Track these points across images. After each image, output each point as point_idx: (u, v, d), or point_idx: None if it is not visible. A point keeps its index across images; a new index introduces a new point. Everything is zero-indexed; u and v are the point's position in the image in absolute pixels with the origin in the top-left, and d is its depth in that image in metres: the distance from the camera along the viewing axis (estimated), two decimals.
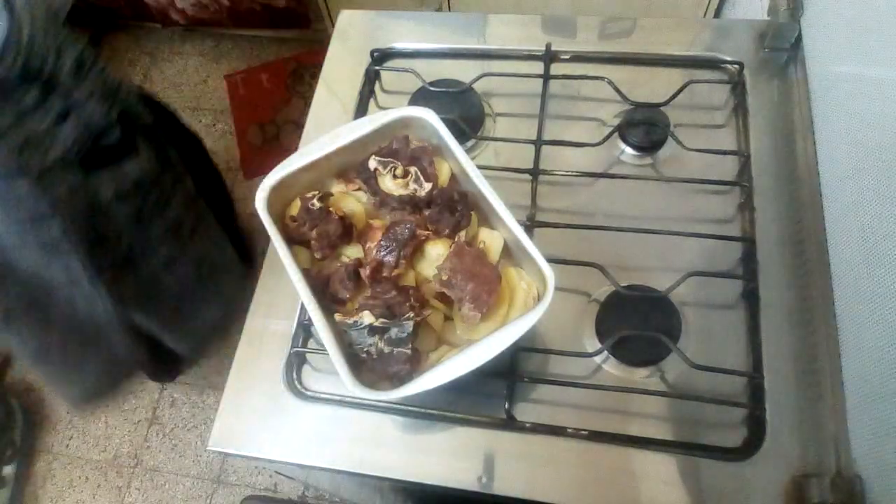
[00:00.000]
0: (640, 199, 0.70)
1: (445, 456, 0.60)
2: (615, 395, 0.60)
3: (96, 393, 1.03)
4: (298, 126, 0.78)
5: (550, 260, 0.53)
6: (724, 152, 0.71)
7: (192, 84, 1.99)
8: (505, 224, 0.56)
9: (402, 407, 0.62)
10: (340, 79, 0.82)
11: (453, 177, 0.62)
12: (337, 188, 0.63)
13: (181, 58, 2.04)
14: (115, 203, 0.81)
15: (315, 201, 0.59)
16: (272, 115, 1.92)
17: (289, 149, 0.62)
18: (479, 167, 0.58)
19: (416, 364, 0.53)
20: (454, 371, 0.49)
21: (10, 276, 0.81)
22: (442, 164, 0.62)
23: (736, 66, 0.75)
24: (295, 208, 0.60)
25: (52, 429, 1.59)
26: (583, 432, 0.59)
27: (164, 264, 0.92)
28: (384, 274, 0.56)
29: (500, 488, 0.58)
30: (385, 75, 0.82)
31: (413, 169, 0.61)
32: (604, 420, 0.60)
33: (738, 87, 0.74)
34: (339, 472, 0.61)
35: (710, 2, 1.29)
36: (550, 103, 0.76)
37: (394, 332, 0.52)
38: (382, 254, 0.56)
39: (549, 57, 0.78)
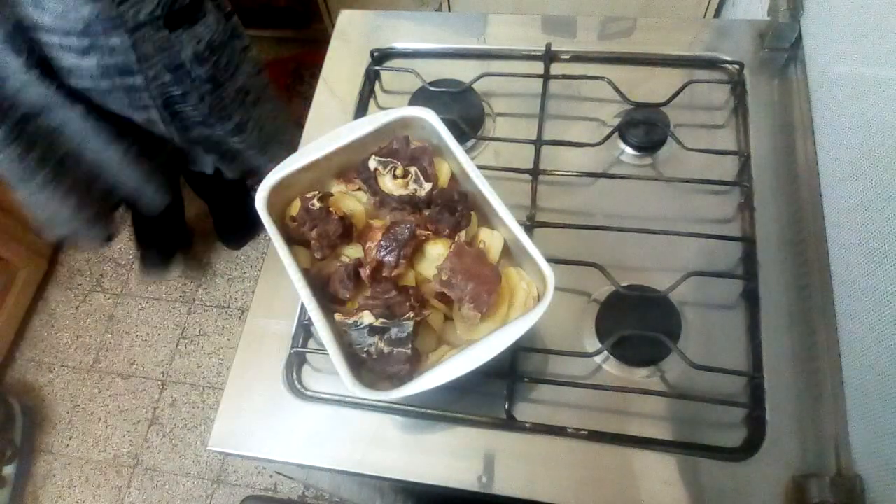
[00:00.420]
0: (640, 199, 0.70)
1: (445, 456, 0.60)
2: (615, 395, 0.60)
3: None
4: (298, 126, 0.79)
5: (550, 260, 0.53)
6: (724, 152, 0.71)
7: None
8: (505, 224, 0.56)
9: (402, 407, 0.62)
10: (340, 79, 0.82)
11: (453, 177, 0.62)
12: (337, 188, 0.63)
13: None
14: (193, 64, 0.93)
15: (315, 201, 0.59)
16: None
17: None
18: (479, 167, 0.58)
19: (416, 364, 0.53)
20: (454, 371, 0.49)
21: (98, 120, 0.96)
22: (442, 164, 0.62)
23: (736, 66, 0.75)
24: (295, 208, 0.60)
25: (52, 429, 1.59)
26: (583, 432, 0.59)
27: (233, 130, 1.06)
28: (384, 274, 0.56)
29: (500, 488, 0.58)
30: (385, 75, 0.82)
31: (413, 169, 0.61)
32: (604, 420, 0.60)
33: (738, 87, 0.74)
34: (339, 472, 0.61)
35: (710, 2, 1.30)
36: (550, 103, 0.76)
37: (394, 332, 0.52)
38: (382, 254, 0.56)
39: (549, 57, 0.78)
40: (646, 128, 0.72)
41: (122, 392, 1.61)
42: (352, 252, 0.59)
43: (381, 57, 0.83)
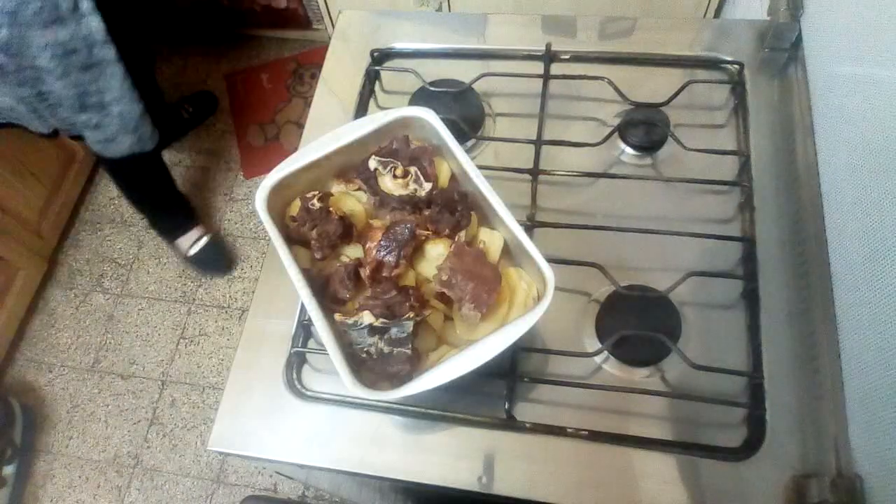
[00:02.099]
0: (640, 199, 0.70)
1: (445, 456, 0.60)
2: (615, 395, 0.60)
3: None
4: (298, 126, 0.79)
5: (550, 260, 0.53)
6: (724, 152, 0.71)
7: (192, 84, 1.99)
8: (505, 224, 0.56)
9: (402, 407, 0.62)
10: (340, 79, 0.82)
11: (453, 177, 0.62)
12: (337, 188, 0.63)
13: (181, 57, 2.04)
14: None
15: (315, 201, 0.59)
16: (272, 115, 1.92)
17: (289, 149, 0.62)
18: (479, 167, 0.58)
19: (416, 364, 0.53)
20: (454, 371, 0.49)
21: None
22: (442, 164, 0.62)
23: (736, 66, 0.75)
24: (295, 208, 0.60)
25: (52, 429, 1.59)
26: (583, 432, 0.59)
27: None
28: (384, 274, 0.56)
29: (500, 488, 0.58)
30: (385, 75, 0.82)
31: (413, 169, 0.61)
32: (604, 420, 0.60)
33: (738, 87, 0.75)
34: (339, 472, 0.61)
35: (710, 2, 1.30)
36: (550, 103, 0.76)
37: (394, 332, 0.52)
38: (382, 254, 0.56)
39: (549, 57, 0.78)
40: (646, 128, 0.72)
41: (122, 392, 1.61)
42: (352, 252, 0.59)
43: (381, 57, 0.83)
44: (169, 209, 1.64)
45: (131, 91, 1.20)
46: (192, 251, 1.66)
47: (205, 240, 1.67)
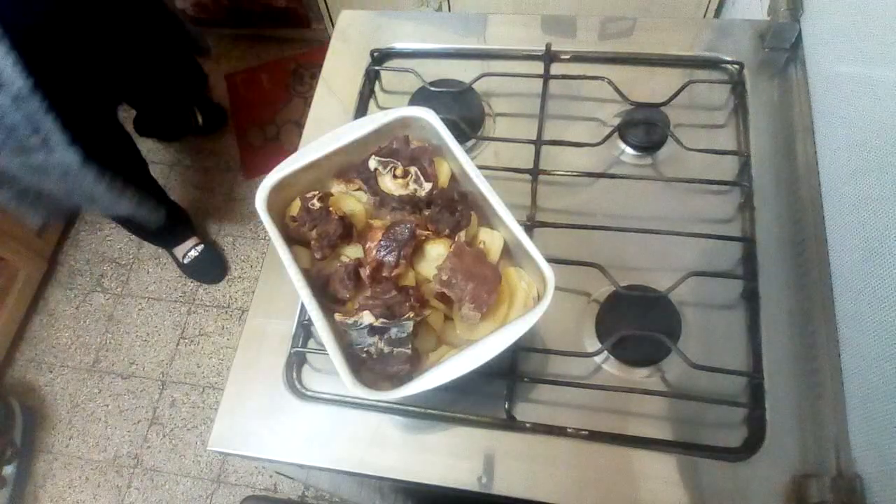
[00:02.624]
0: (640, 199, 0.70)
1: (445, 456, 0.60)
2: (615, 395, 0.60)
3: None
4: (298, 126, 0.79)
5: (550, 260, 0.53)
6: (724, 152, 0.71)
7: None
8: (505, 224, 0.56)
9: (402, 407, 0.62)
10: (340, 79, 0.82)
11: (453, 177, 0.62)
12: (337, 188, 0.63)
13: None
14: None
15: (315, 201, 0.59)
16: (272, 115, 1.92)
17: (289, 149, 0.62)
18: (479, 167, 0.58)
19: (416, 364, 0.53)
20: (454, 371, 0.49)
21: None
22: (442, 164, 0.62)
23: (736, 66, 0.75)
24: (295, 208, 0.60)
25: (52, 429, 1.59)
26: (583, 432, 0.59)
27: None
28: (384, 274, 0.56)
29: (500, 488, 0.58)
30: (385, 75, 0.82)
31: (413, 169, 0.61)
32: (604, 420, 0.60)
33: (738, 87, 0.75)
34: (339, 472, 0.61)
35: (710, 2, 1.30)
36: (550, 103, 0.76)
37: (394, 332, 0.52)
38: (382, 254, 0.56)
39: (549, 57, 0.78)
40: (646, 128, 0.72)
41: (122, 392, 1.61)
42: (352, 252, 0.59)
43: (381, 57, 0.83)
44: (164, 226, 1.63)
45: (123, 191, 1.15)
46: (186, 260, 1.68)
47: (199, 249, 1.68)
